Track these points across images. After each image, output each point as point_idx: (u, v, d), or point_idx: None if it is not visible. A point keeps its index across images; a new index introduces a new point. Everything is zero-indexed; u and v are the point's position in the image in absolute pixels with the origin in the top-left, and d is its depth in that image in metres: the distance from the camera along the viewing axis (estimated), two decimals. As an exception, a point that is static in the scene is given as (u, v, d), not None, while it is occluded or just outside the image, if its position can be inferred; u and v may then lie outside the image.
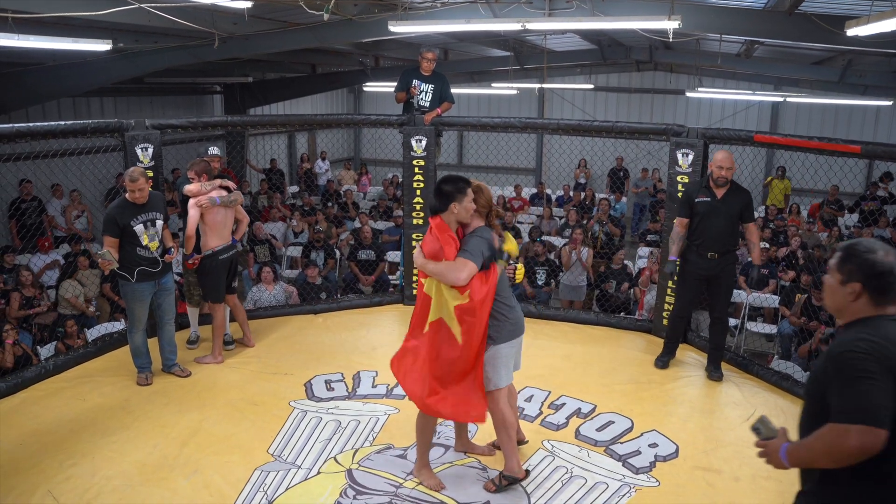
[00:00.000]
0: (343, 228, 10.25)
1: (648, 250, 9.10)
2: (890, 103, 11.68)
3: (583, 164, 14.00)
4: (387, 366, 4.84)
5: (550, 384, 4.74)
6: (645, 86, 15.17)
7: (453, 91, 6.25)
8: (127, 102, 11.40)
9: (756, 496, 3.56)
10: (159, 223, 4.59)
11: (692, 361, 5.24)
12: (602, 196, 11.22)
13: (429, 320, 3.26)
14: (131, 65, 7.85)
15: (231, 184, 5.17)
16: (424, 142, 6.00)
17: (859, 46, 6.79)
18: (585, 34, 10.42)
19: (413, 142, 6.01)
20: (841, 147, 4.68)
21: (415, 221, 6.16)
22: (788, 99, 12.89)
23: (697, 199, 4.75)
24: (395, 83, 6.19)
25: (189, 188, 4.93)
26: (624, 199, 12.93)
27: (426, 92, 6.04)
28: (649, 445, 4.00)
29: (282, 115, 12.96)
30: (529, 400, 4.52)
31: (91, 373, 4.87)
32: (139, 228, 4.47)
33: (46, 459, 3.74)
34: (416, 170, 6.06)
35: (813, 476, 2.03)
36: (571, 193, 12.57)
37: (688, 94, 13.29)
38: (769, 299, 7.53)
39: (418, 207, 6.12)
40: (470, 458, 3.81)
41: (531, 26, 5.59)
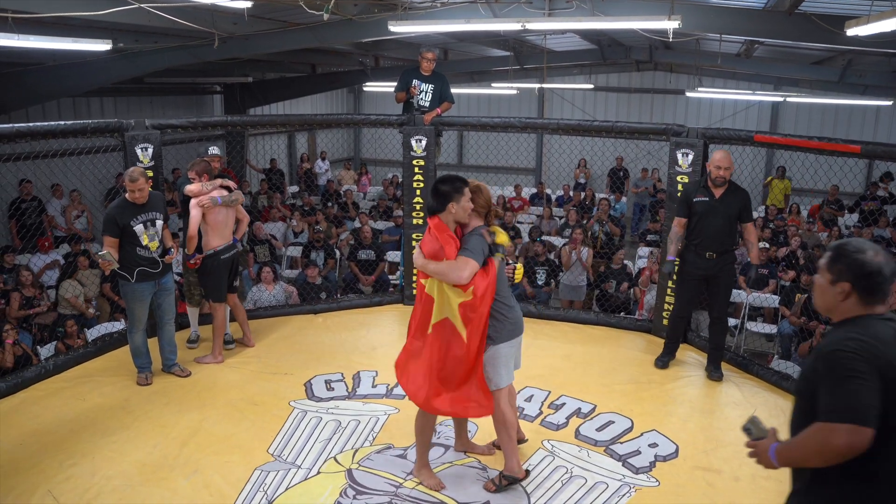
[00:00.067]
0: (343, 228, 10.25)
1: (648, 250, 9.10)
2: (890, 103, 11.67)
3: (582, 164, 14.00)
4: (387, 366, 4.89)
5: (550, 384, 4.74)
6: (645, 86, 15.17)
7: (453, 91, 6.26)
8: (127, 102, 11.40)
9: (756, 496, 3.56)
10: (159, 223, 4.60)
11: (692, 361, 5.24)
12: (602, 196, 11.22)
13: (432, 322, 3.25)
14: (131, 65, 7.85)
15: (232, 183, 5.18)
16: (424, 142, 6.00)
17: (859, 46, 6.79)
18: (585, 34, 10.42)
19: (413, 142, 6.01)
20: (841, 147, 4.68)
21: (415, 221, 6.16)
22: (788, 99, 12.88)
23: (695, 199, 4.75)
24: (395, 83, 6.19)
25: (190, 188, 4.94)
26: (624, 199, 12.93)
27: (426, 92, 6.04)
28: (649, 445, 4.01)
29: (282, 115, 12.97)
30: (529, 400, 4.52)
31: (91, 373, 4.87)
32: (139, 228, 4.47)
33: (46, 459, 3.74)
34: (416, 170, 6.06)
35: (804, 476, 2.06)
36: (571, 193, 12.57)
37: (688, 94, 13.28)
38: (769, 299, 7.53)
39: (418, 207, 6.12)
40: (470, 458, 3.81)
41: (531, 26, 5.59)
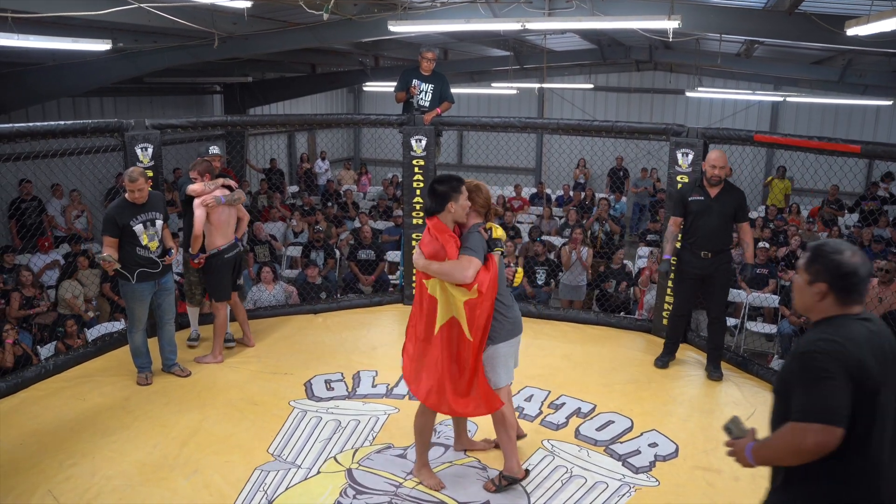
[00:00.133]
0: (343, 228, 10.25)
1: (648, 250, 9.11)
2: (890, 103, 11.67)
3: (582, 164, 14.00)
4: (387, 365, 4.91)
5: (550, 384, 4.74)
6: (645, 85, 15.16)
7: (453, 91, 6.26)
8: (127, 102, 11.40)
9: (756, 496, 3.52)
10: (159, 223, 4.60)
11: (692, 361, 5.24)
12: (602, 196, 11.22)
13: (438, 323, 3.24)
14: (131, 65, 7.85)
15: (233, 183, 5.19)
16: (424, 141, 6.00)
17: (859, 46, 6.79)
18: (585, 34, 10.41)
19: (413, 141, 6.01)
20: (841, 147, 4.68)
21: (415, 221, 6.16)
22: (788, 99, 12.88)
23: (691, 198, 4.77)
24: (395, 83, 6.19)
25: (193, 188, 4.94)
26: (624, 199, 12.93)
27: (426, 92, 6.04)
28: (649, 445, 4.01)
29: (282, 115, 12.96)
30: (529, 399, 4.52)
31: (91, 373, 4.87)
32: (139, 228, 4.47)
33: (46, 459, 3.74)
34: (416, 169, 6.06)
35: (780, 474, 2.11)
36: (571, 193, 12.57)
37: (687, 94, 13.28)
38: (769, 299, 7.53)
39: (418, 207, 6.12)
40: (470, 458, 3.81)
41: (531, 26, 5.59)
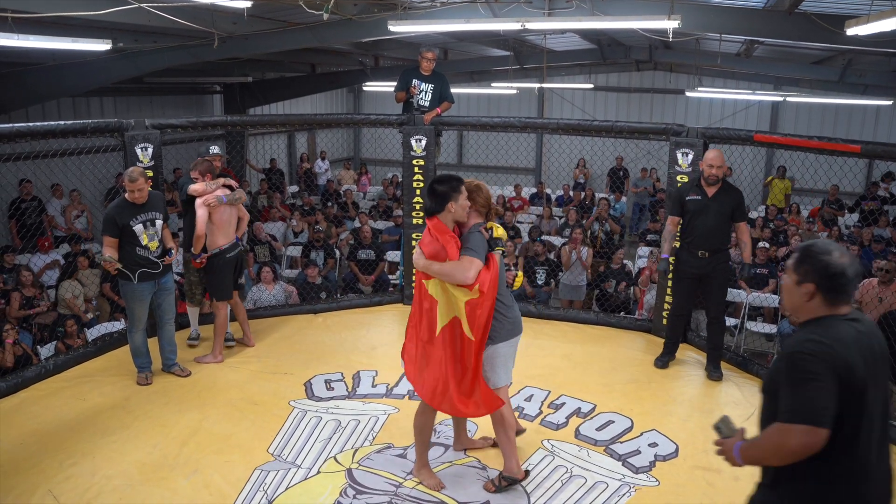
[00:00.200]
0: (343, 228, 10.25)
1: (648, 250, 9.11)
2: (890, 103, 11.67)
3: (582, 164, 13.99)
4: (387, 365, 4.91)
5: (550, 384, 4.74)
6: (645, 85, 15.16)
7: (453, 91, 6.26)
8: (127, 102, 11.40)
9: (756, 495, 3.56)
10: (159, 223, 4.60)
11: (692, 361, 5.24)
12: (602, 196, 11.22)
13: (440, 324, 3.24)
14: (131, 65, 7.85)
15: (233, 182, 5.19)
16: (424, 141, 6.00)
17: (859, 46, 6.79)
18: (585, 34, 10.41)
19: (413, 141, 6.01)
20: (841, 147, 4.68)
21: (414, 221, 6.16)
22: (788, 98, 12.87)
23: (688, 198, 4.78)
24: (395, 83, 6.19)
25: (194, 188, 4.95)
26: (624, 199, 12.93)
27: (426, 91, 6.04)
28: (649, 445, 4.01)
29: (281, 115, 12.95)
30: (529, 399, 4.52)
31: (91, 372, 4.87)
32: (138, 228, 4.47)
33: (46, 459, 3.74)
34: (416, 169, 6.06)
35: (769, 472, 2.13)
36: (571, 193, 12.56)
37: (687, 94, 13.27)
38: (769, 299, 7.53)
39: (418, 207, 6.12)
40: (469, 458, 3.81)
41: (531, 26, 5.59)
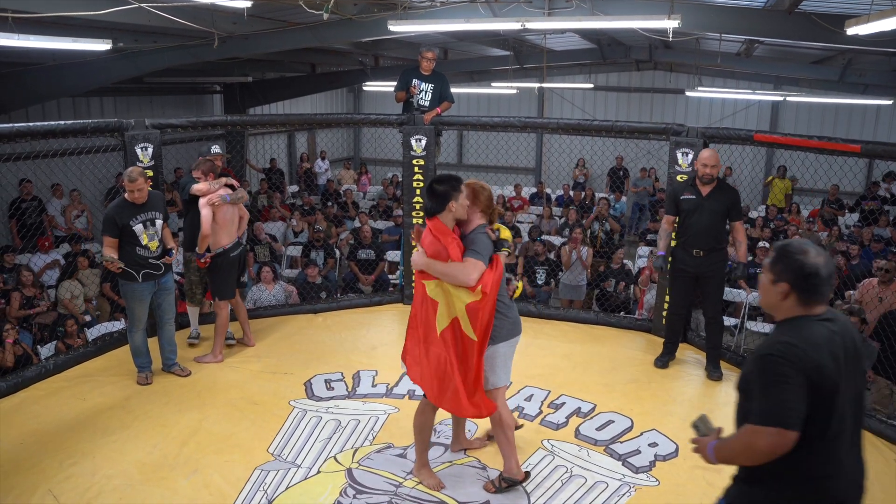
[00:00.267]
0: (343, 228, 10.24)
1: (648, 249, 9.10)
2: (890, 102, 11.67)
3: (581, 164, 13.99)
4: (387, 365, 4.91)
5: (550, 383, 4.74)
6: (645, 85, 15.16)
7: (453, 90, 6.26)
8: (127, 102, 11.40)
9: (756, 495, 3.56)
10: (159, 223, 4.60)
11: (692, 361, 5.24)
12: (601, 195, 11.21)
13: (441, 326, 3.23)
14: (131, 65, 7.85)
15: (235, 182, 5.20)
16: (424, 141, 6.00)
17: (859, 45, 6.78)
18: (585, 33, 10.41)
19: (413, 141, 6.01)
20: (841, 146, 4.68)
21: (415, 221, 6.16)
22: (788, 98, 12.87)
23: (683, 197, 4.80)
24: (395, 83, 6.19)
25: (198, 187, 4.95)
26: (623, 199, 12.92)
27: (426, 91, 6.04)
28: (649, 445, 4.01)
29: (281, 115, 12.94)
30: (529, 399, 4.52)
31: (91, 372, 4.87)
32: (138, 228, 4.47)
33: (46, 459, 3.75)
34: (416, 169, 6.06)
35: (743, 468, 2.16)
36: (571, 193, 12.56)
37: (687, 94, 13.27)
38: (769, 299, 7.51)
39: (418, 207, 6.11)
40: (469, 458, 3.81)
41: (531, 26, 5.59)
